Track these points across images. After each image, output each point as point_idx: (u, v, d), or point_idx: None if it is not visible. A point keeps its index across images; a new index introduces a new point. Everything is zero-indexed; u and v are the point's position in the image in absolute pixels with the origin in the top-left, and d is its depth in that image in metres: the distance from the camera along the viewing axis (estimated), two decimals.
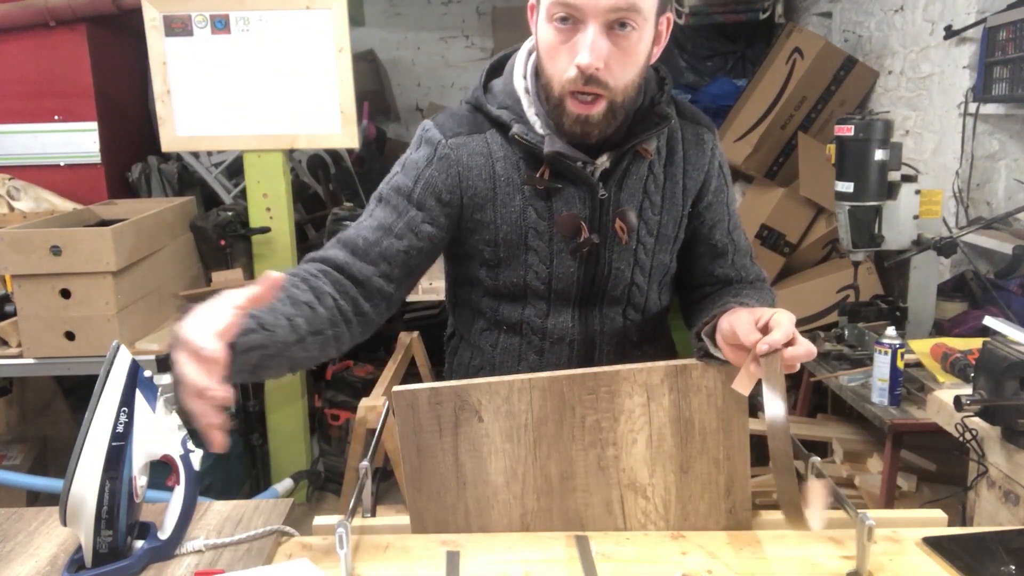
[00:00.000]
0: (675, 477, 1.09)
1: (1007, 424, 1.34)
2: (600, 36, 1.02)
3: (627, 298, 1.23)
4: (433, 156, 1.16)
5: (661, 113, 1.16)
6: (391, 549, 1.07)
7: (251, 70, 2.80)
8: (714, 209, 1.25)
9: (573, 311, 1.22)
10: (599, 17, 1.01)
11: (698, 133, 1.23)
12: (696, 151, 1.22)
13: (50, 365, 2.46)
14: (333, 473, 3.20)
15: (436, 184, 1.15)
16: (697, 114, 1.25)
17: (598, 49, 1.02)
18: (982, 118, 2.56)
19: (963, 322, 2.33)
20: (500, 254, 1.18)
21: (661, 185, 1.20)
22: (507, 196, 1.15)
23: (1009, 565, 0.97)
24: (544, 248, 1.17)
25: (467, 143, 1.16)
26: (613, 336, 1.24)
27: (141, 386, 1.03)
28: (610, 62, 1.04)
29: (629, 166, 1.17)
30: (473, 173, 1.15)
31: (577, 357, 1.24)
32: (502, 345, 1.25)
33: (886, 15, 3.18)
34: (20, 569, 1.04)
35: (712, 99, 3.89)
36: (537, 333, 1.23)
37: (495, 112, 1.15)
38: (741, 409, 1.08)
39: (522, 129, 1.13)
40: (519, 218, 1.16)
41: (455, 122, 1.18)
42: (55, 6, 3.01)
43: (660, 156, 1.19)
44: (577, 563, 1.01)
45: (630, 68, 1.07)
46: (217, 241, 2.90)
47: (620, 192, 1.17)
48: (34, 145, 3.18)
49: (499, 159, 1.15)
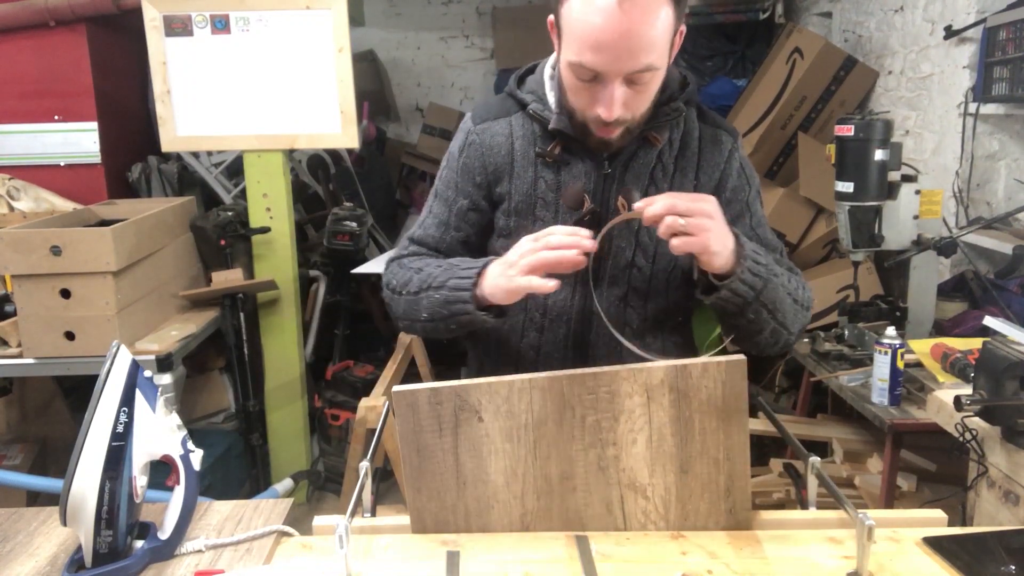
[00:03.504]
0: (675, 477, 1.09)
1: (1007, 424, 1.34)
2: (621, 88, 1.09)
3: (628, 280, 1.27)
4: (465, 143, 1.29)
5: (674, 107, 1.22)
6: (391, 549, 1.07)
7: (251, 70, 2.80)
8: (733, 206, 1.27)
9: (574, 288, 1.27)
10: (621, 76, 1.08)
11: (716, 135, 1.28)
12: (712, 150, 1.26)
13: (50, 365, 2.46)
14: (333, 473, 3.20)
15: (469, 168, 1.28)
16: (720, 121, 1.31)
17: (620, 102, 1.09)
18: (982, 118, 2.56)
19: (963, 322, 2.33)
20: (512, 223, 1.27)
21: (670, 175, 1.25)
22: (522, 168, 1.25)
23: (1009, 565, 0.97)
24: (550, 219, 1.24)
25: (492, 127, 1.27)
26: (611, 320, 1.25)
27: (141, 386, 1.03)
28: (628, 103, 1.11)
29: (637, 150, 1.23)
30: (494, 151, 1.27)
31: (573, 336, 1.28)
32: (508, 323, 1.30)
33: (886, 15, 3.18)
34: (20, 569, 1.04)
35: (712, 99, 3.89)
36: (539, 309, 1.28)
37: (521, 95, 1.26)
38: (741, 409, 1.08)
39: (538, 107, 1.23)
40: (530, 188, 1.25)
41: (486, 109, 1.30)
42: (55, 6, 3.01)
43: (672, 148, 1.25)
44: (577, 563, 1.01)
45: (647, 101, 1.14)
46: (217, 241, 2.91)
47: (626, 172, 1.23)
48: (34, 145, 3.18)
49: (519, 137, 1.26)
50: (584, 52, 1.06)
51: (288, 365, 3.07)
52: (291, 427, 3.11)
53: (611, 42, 1.04)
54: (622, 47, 1.04)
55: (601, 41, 1.04)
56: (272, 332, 3.04)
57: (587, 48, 1.06)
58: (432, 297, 1.20)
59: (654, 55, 1.07)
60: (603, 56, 1.06)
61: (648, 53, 1.06)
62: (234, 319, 2.85)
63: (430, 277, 1.21)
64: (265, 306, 3.01)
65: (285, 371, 3.07)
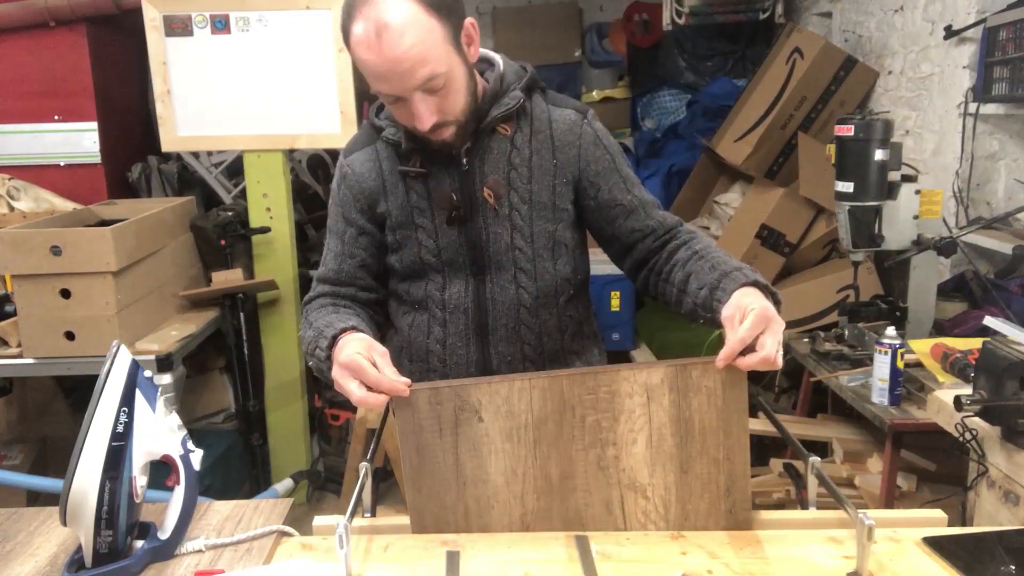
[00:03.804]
0: (675, 477, 1.09)
1: (1007, 424, 1.34)
2: (422, 100, 1.18)
3: (513, 263, 1.35)
4: (340, 177, 1.39)
5: (512, 96, 1.31)
6: (391, 549, 1.07)
7: (251, 70, 2.80)
8: (603, 176, 1.37)
9: (466, 281, 1.35)
10: (412, 92, 1.16)
11: (566, 115, 1.36)
12: (564, 129, 1.35)
13: (50, 365, 2.46)
14: (333, 473, 3.20)
15: (347, 198, 1.38)
16: (567, 100, 1.40)
17: (427, 112, 1.18)
18: (982, 118, 2.56)
19: (963, 322, 2.33)
20: (397, 237, 1.36)
21: (527, 158, 1.33)
22: (393, 187, 1.34)
23: (1009, 565, 0.97)
24: (429, 224, 1.33)
25: (359, 156, 1.37)
26: (506, 303, 1.35)
27: (141, 386, 1.03)
28: (440, 108, 1.20)
29: (489, 142, 1.32)
30: (366, 178, 1.36)
31: (473, 323, 1.36)
32: (415, 323, 1.40)
33: (886, 15, 3.18)
34: (20, 569, 1.04)
35: (712, 99, 3.89)
36: (438, 305, 1.37)
37: (378, 123, 1.35)
38: (741, 409, 1.08)
39: (391, 131, 1.32)
40: (404, 202, 1.34)
41: (353, 142, 1.41)
42: (55, 6, 3.01)
43: (523, 133, 1.34)
44: (577, 563, 1.01)
45: (458, 98, 1.22)
46: (217, 241, 2.91)
47: (484, 165, 1.32)
48: (34, 145, 3.18)
49: (384, 159, 1.35)
50: (375, 83, 1.18)
51: (288, 365, 3.07)
52: (291, 427, 3.11)
53: (387, 70, 1.14)
54: (397, 72, 1.14)
55: (379, 72, 1.15)
56: (272, 332, 3.04)
57: (374, 80, 1.17)
58: (310, 362, 1.26)
59: (431, 64, 1.15)
60: (388, 83, 1.16)
61: (423, 66, 1.14)
62: (234, 319, 2.85)
63: (308, 343, 1.25)
64: (265, 306, 3.01)
65: (285, 371, 3.07)
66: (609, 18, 4.71)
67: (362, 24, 1.13)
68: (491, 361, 1.37)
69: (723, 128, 3.52)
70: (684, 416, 1.08)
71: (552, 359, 1.40)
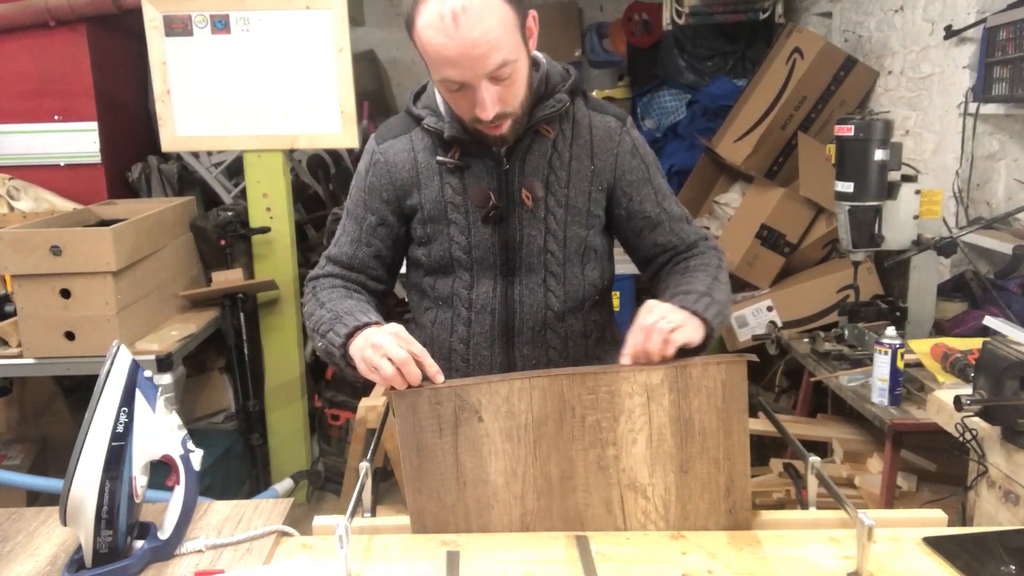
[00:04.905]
0: (675, 477, 1.09)
1: (1007, 424, 1.34)
2: (488, 88, 1.16)
3: (544, 266, 1.33)
4: (370, 163, 1.37)
5: (558, 99, 1.30)
6: (391, 549, 1.07)
7: (251, 70, 2.80)
8: (636, 186, 1.36)
9: (495, 280, 1.34)
10: (482, 79, 1.14)
11: (606, 121, 1.36)
12: (604, 136, 1.35)
13: (50, 365, 2.46)
14: (333, 473, 3.20)
15: (376, 187, 1.35)
16: (608, 107, 1.39)
17: (491, 101, 1.16)
18: (982, 118, 2.56)
19: (963, 322, 2.33)
20: (428, 231, 1.33)
21: (566, 162, 1.32)
22: (427, 179, 1.32)
23: (1009, 565, 0.97)
24: (462, 220, 1.31)
25: (394, 144, 1.35)
26: (533, 306, 1.34)
27: (141, 386, 1.03)
28: (503, 98, 1.18)
29: (532, 143, 1.31)
30: (399, 167, 1.33)
31: (499, 325, 1.34)
32: (439, 320, 1.38)
33: (886, 15, 3.18)
34: (20, 569, 1.04)
35: (712, 99, 3.89)
36: (464, 304, 1.35)
37: (416, 112, 1.33)
38: (741, 409, 1.08)
39: (432, 120, 1.30)
40: (439, 195, 1.31)
41: (388, 129, 1.38)
42: (55, 6, 3.01)
43: (564, 136, 1.33)
44: (577, 563, 1.01)
45: (519, 91, 1.21)
46: (217, 241, 2.90)
47: (524, 166, 1.30)
48: (34, 145, 3.18)
49: (420, 150, 1.33)
50: (442, 69, 1.15)
51: (288, 365, 3.07)
52: (291, 427, 3.11)
53: (460, 55, 1.12)
54: (471, 56, 1.12)
55: (451, 57, 1.12)
56: (272, 332, 3.04)
57: (443, 65, 1.14)
58: (316, 341, 1.26)
59: (504, 51, 1.13)
60: (458, 69, 1.13)
61: (497, 52, 1.12)
62: (234, 319, 2.85)
63: (320, 322, 1.26)
64: (265, 306, 3.01)
65: (285, 371, 3.07)
66: (609, 18, 4.72)
67: (435, 6, 1.10)
68: (515, 364, 1.35)
69: (723, 128, 3.52)
70: (684, 416, 1.08)
71: (576, 364, 1.38)
